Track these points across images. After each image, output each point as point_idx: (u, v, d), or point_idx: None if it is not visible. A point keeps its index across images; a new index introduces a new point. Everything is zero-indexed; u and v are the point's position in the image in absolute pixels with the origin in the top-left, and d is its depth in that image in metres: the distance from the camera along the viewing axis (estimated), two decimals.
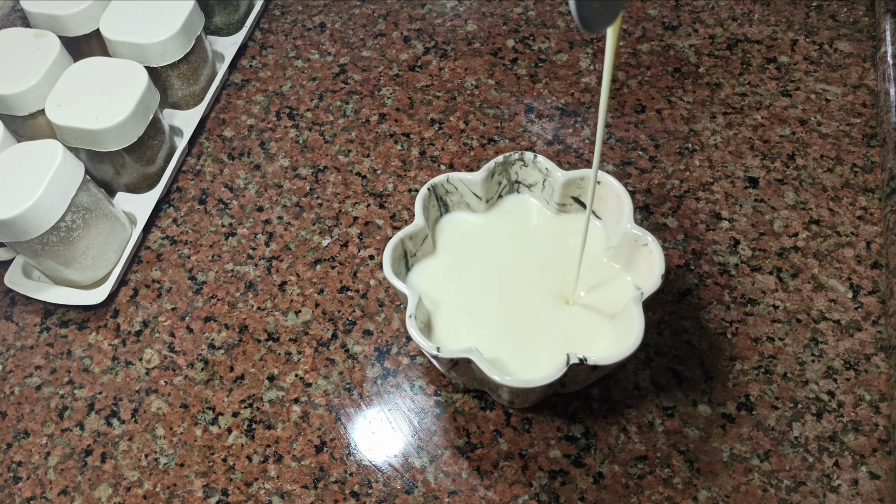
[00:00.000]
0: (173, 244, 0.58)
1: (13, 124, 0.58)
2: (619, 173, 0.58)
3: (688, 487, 0.45)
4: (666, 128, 0.60)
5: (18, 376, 0.53)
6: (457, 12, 0.70)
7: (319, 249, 0.56)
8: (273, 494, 0.46)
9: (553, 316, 0.45)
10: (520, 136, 0.61)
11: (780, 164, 0.57)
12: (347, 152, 0.62)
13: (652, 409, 0.47)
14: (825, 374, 0.48)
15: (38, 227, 0.49)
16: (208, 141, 0.64)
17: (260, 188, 0.60)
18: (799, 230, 0.54)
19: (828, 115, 0.59)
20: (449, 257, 0.48)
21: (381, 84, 0.66)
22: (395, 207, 0.58)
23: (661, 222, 0.55)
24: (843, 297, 0.51)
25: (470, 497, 0.45)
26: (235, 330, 0.53)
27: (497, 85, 0.64)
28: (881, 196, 0.54)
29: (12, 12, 0.71)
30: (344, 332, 0.52)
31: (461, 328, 0.45)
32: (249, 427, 0.49)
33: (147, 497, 0.47)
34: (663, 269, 0.42)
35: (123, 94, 0.55)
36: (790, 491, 0.44)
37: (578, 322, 0.45)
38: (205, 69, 0.65)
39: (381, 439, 0.48)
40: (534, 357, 0.43)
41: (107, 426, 0.50)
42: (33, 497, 0.48)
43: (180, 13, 0.60)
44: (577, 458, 0.46)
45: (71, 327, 0.55)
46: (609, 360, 0.39)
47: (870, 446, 0.45)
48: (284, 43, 0.70)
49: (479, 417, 0.48)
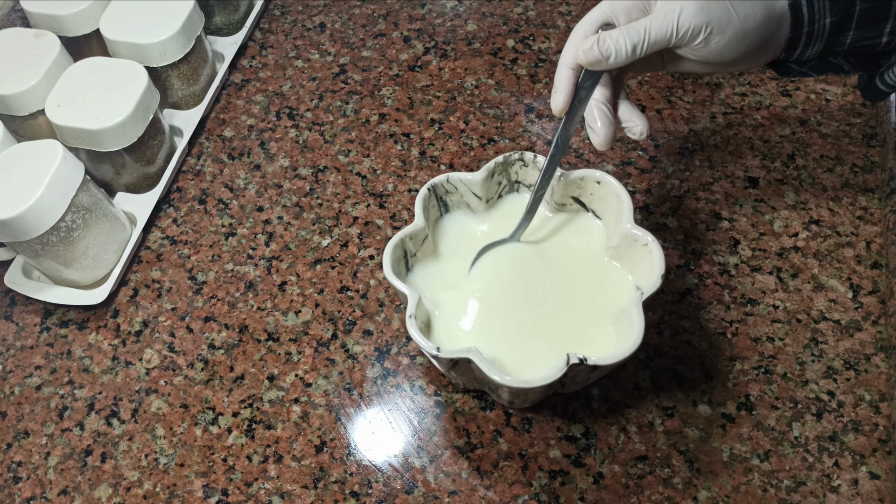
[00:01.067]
0: (173, 244, 0.58)
1: (13, 124, 0.58)
2: (619, 173, 0.58)
3: (688, 487, 0.45)
4: (666, 128, 0.60)
5: (18, 376, 0.53)
6: (457, 12, 0.70)
7: (319, 249, 0.56)
8: (273, 494, 0.46)
9: (553, 316, 0.45)
10: (520, 136, 0.61)
11: (780, 164, 0.57)
12: (347, 152, 0.62)
13: (652, 409, 0.47)
14: (825, 374, 0.48)
15: (38, 227, 0.49)
16: (208, 141, 0.64)
17: (260, 188, 0.60)
18: (799, 230, 0.54)
19: (828, 115, 0.59)
20: (449, 257, 0.48)
21: (381, 84, 0.66)
22: (395, 207, 0.58)
23: (661, 222, 0.55)
24: (843, 297, 0.51)
25: (470, 497, 0.45)
26: (235, 330, 0.53)
27: (497, 85, 0.64)
28: (881, 196, 0.54)
29: (12, 12, 0.71)
30: (344, 332, 0.52)
31: (461, 328, 0.45)
32: (249, 427, 0.49)
33: (147, 497, 0.47)
34: (663, 269, 0.42)
35: (123, 94, 0.55)
36: (790, 491, 0.44)
37: (578, 322, 0.45)
38: (205, 69, 0.65)
39: (381, 439, 0.48)
40: (534, 357, 0.43)
41: (107, 426, 0.50)
42: (33, 497, 0.48)
43: (180, 13, 0.60)
44: (577, 458, 0.46)
45: (71, 327, 0.55)
46: (609, 360, 0.39)
47: (870, 446, 0.45)
48: (284, 43, 0.70)
49: (479, 417, 0.48)
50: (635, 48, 0.39)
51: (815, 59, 0.42)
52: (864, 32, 0.39)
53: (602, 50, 0.39)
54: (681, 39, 0.39)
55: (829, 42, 0.40)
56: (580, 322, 0.45)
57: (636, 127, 0.42)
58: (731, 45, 0.39)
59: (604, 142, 0.41)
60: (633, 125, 0.42)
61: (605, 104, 0.41)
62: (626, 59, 0.39)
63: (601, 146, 0.41)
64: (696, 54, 0.40)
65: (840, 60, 0.42)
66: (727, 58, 0.40)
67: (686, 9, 0.38)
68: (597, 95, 0.41)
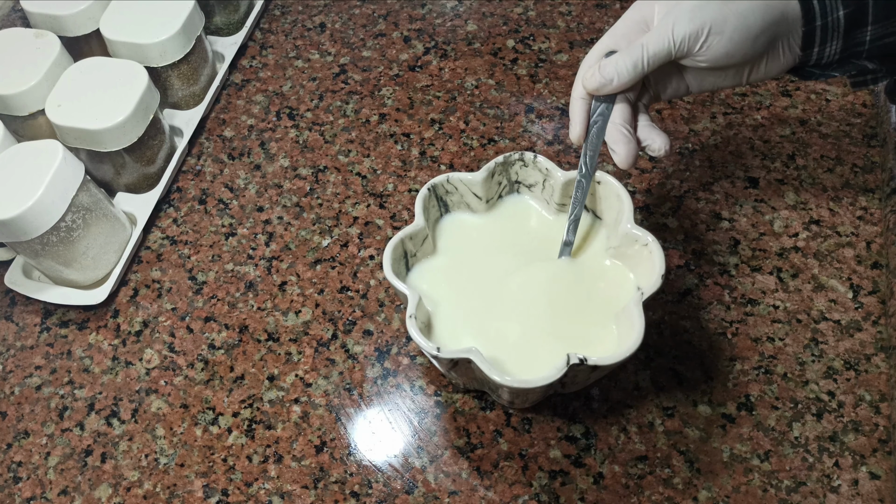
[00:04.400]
0: (173, 244, 0.58)
1: (13, 124, 0.58)
2: (619, 173, 0.58)
3: (688, 487, 0.45)
4: (666, 128, 0.60)
5: (18, 376, 0.53)
6: (457, 12, 0.70)
7: (319, 249, 0.56)
8: (273, 494, 0.46)
9: (553, 316, 0.45)
10: (520, 136, 0.61)
11: (780, 164, 0.57)
12: (347, 152, 0.62)
13: (652, 409, 0.47)
14: (825, 375, 0.48)
15: (38, 227, 0.49)
16: (208, 141, 0.64)
17: (260, 188, 0.60)
18: (799, 230, 0.54)
19: (828, 115, 0.59)
20: (449, 257, 0.48)
21: (381, 84, 0.66)
22: (395, 207, 0.58)
23: (661, 222, 0.55)
24: (843, 297, 0.51)
25: (470, 497, 0.45)
26: (235, 330, 0.53)
27: (497, 85, 0.64)
28: (881, 196, 0.54)
29: (12, 12, 0.71)
30: (344, 332, 0.52)
31: (461, 328, 0.45)
32: (249, 427, 0.49)
33: (147, 497, 0.47)
34: (663, 269, 0.42)
35: (123, 94, 0.55)
36: (790, 491, 0.44)
37: (578, 322, 0.45)
38: (205, 69, 0.65)
39: (381, 439, 0.48)
40: (534, 357, 0.43)
41: (107, 426, 0.50)
42: (33, 497, 0.48)
43: (180, 13, 0.60)
44: (577, 458, 0.46)
45: (71, 327, 0.55)
46: (609, 360, 0.39)
47: (870, 446, 0.45)
48: (284, 43, 0.70)
49: (479, 417, 0.48)
50: (636, 66, 0.40)
51: (836, 62, 0.41)
52: (884, 28, 0.39)
53: (604, 74, 0.41)
54: (681, 48, 0.39)
55: (847, 39, 0.39)
56: (580, 322, 0.45)
57: (654, 143, 0.42)
58: (734, 43, 0.39)
59: (624, 160, 0.42)
60: (651, 142, 0.42)
61: (623, 125, 0.42)
62: (629, 78, 0.40)
63: (623, 164, 0.42)
64: (704, 60, 0.40)
65: (864, 62, 0.41)
66: (736, 58, 0.40)
67: (679, 17, 0.39)
68: (615, 119, 0.42)
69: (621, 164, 0.42)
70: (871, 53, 0.40)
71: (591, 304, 0.45)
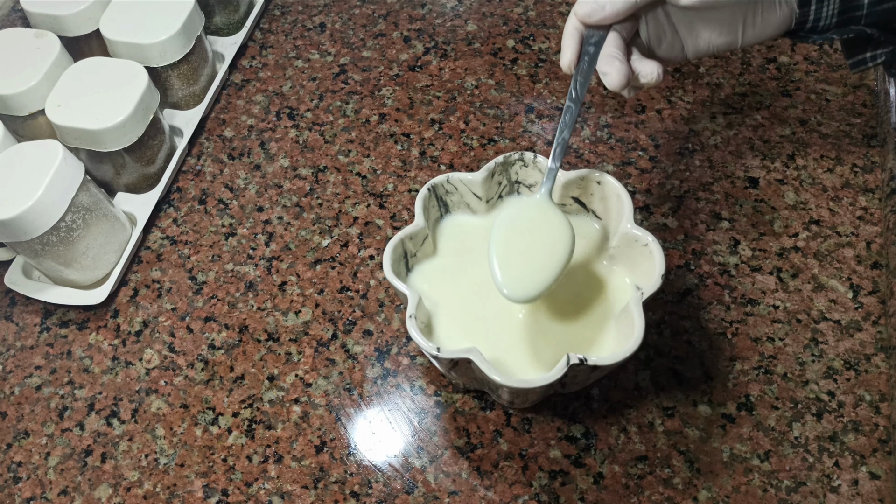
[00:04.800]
0: (173, 244, 0.58)
1: (13, 124, 0.58)
2: (619, 173, 0.58)
3: (688, 488, 0.45)
4: (666, 128, 0.60)
5: (18, 376, 0.53)
6: (457, 12, 0.70)
7: (319, 249, 0.56)
8: (273, 494, 0.46)
9: (553, 316, 0.45)
10: (520, 136, 0.61)
11: (780, 164, 0.57)
12: (347, 152, 0.62)
13: (652, 409, 0.47)
14: (825, 375, 0.48)
15: (38, 227, 0.49)
16: (208, 141, 0.64)
17: (260, 188, 0.60)
18: (799, 230, 0.54)
19: (828, 115, 0.59)
20: (449, 258, 0.48)
21: (381, 84, 0.66)
22: (395, 207, 0.58)
23: (661, 222, 0.55)
24: (843, 297, 0.51)
25: (470, 497, 0.45)
26: (235, 330, 0.53)
27: (497, 85, 0.64)
28: (881, 196, 0.54)
29: (12, 12, 0.71)
30: (344, 332, 0.52)
31: (461, 328, 0.45)
32: (249, 427, 0.49)
33: (147, 497, 0.47)
34: (663, 269, 0.42)
35: (123, 94, 0.55)
36: (790, 491, 0.44)
37: (578, 322, 0.45)
38: (205, 69, 0.65)
39: (381, 439, 0.48)
40: (534, 357, 0.43)
41: (107, 426, 0.50)
42: (33, 497, 0.48)
43: (180, 13, 0.60)
44: (577, 458, 0.46)
45: (71, 327, 0.55)
46: (609, 360, 0.39)
47: (870, 446, 0.45)
48: (284, 43, 0.70)
49: (479, 417, 0.48)
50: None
51: (834, 26, 0.40)
52: None
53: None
54: None
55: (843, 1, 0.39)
56: (580, 322, 0.45)
57: (646, 68, 0.41)
58: None
59: (616, 81, 0.41)
60: (643, 68, 0.42)
61: (616, 51, 0.41)
62: (621, 4, 0.40)
63: (613, 86, 0.41)
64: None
65: (863, 27, 0.40)
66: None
67: None
68: (608, 46, 0.41)
69: (612, 85, 0.41)
70: (869, 19, 0.40)
71: (591, 304, 0.45)
